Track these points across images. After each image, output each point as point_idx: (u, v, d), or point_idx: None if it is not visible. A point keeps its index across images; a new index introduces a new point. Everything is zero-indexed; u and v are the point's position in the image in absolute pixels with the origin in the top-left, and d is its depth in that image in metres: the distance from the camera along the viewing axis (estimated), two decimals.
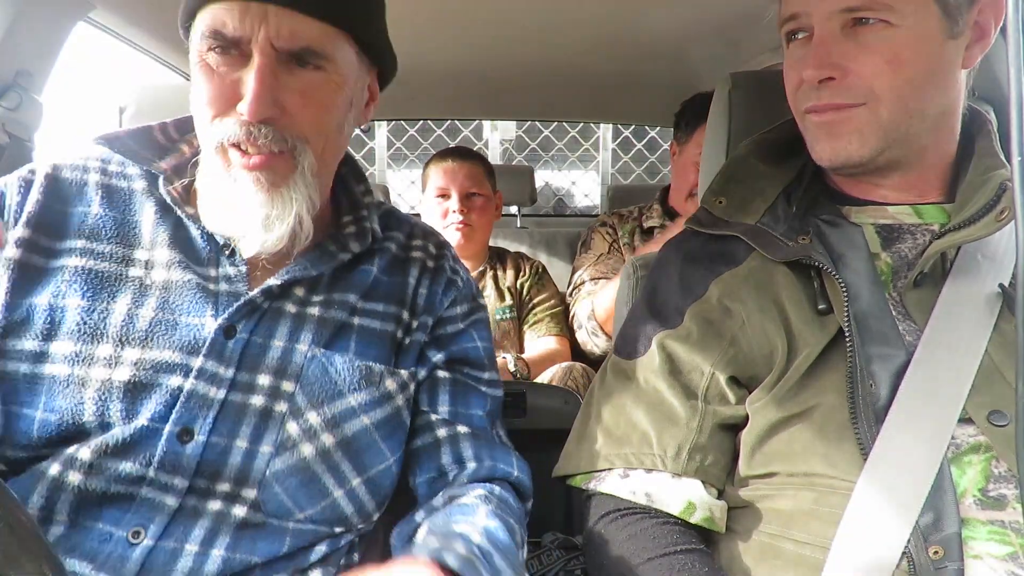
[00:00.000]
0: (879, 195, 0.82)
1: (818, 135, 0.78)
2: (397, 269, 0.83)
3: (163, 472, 0.66)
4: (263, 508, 0.68)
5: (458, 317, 0.85)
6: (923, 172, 0.80)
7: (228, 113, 0.67)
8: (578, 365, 1.58)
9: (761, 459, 0.74)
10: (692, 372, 0.79)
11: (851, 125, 0.75)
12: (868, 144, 0.75)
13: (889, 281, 0.77)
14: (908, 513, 0.65)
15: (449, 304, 0.84)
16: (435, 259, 0.86)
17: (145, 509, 0.66)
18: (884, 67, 0.72)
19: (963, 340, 0.70)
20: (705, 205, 0.89)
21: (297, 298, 0.75)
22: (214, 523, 0.67)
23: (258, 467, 0.68)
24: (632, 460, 0.78)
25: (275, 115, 0.67)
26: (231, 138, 0.67)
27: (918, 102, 0.74)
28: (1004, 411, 0.67)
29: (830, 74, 0.74)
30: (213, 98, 0.68)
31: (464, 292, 0.87)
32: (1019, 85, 0.45)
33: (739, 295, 0.79)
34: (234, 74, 0.67)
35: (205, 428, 0.67)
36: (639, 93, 2.08)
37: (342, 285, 0.78)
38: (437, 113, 2.62)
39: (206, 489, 0.67)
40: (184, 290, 0.71)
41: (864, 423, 0.69)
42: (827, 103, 0.75)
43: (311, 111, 0.69)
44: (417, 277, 0.83)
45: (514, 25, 1.60)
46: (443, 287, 0.84)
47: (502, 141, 3.91)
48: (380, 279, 0.81)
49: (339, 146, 0.77)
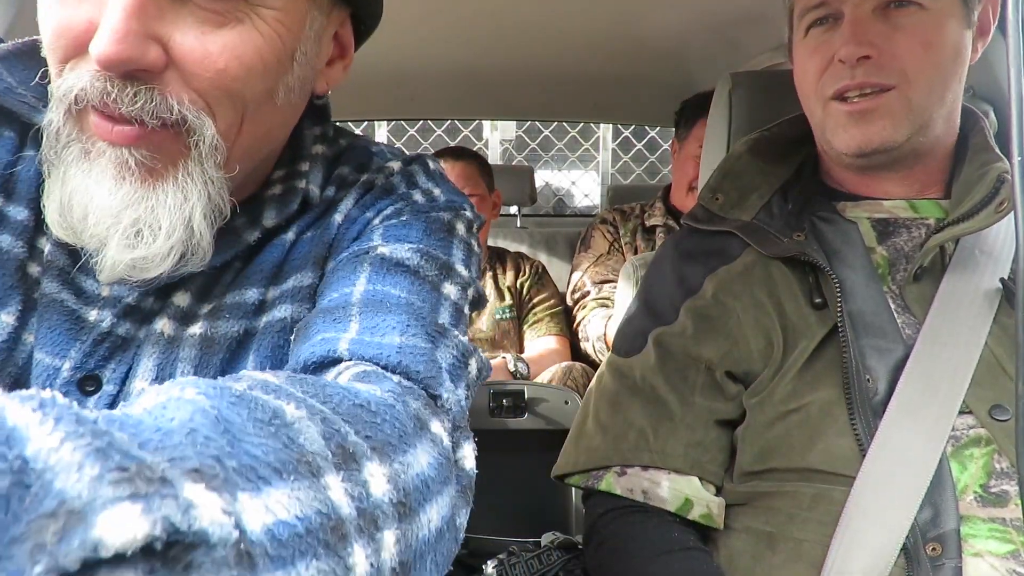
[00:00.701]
0: (875, 189, 0.82)
1: (848, 123, 0.76)
2: (325, 216, 0.57)
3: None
4: None
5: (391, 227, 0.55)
6: (928, 164, 0.80)
7: (82, 55, 0.42)
8: (578, 365, 1.58)
9: (759, 455, 0.74)
10: (688, 368, 0.79)
11: (883, 109, 0.74)
12: (900, 128, 0.74)
13: (887, 275, 0.77)
14: (906, 509, 0.65)
15: (387, 216, 0.55)
16: (388, 175, 0.58)
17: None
18: (918, 49, 0.73)
19: (962, 334, 0.70)
20: (702, 202, 0.89)
21: (177, 310, 0.51)
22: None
23: None
24: (629, 457, 0.78)
25: (152, 64, 0.42)
26: (84, 96, 0.42)
27: (942, 88, 0.75)
28: (1006, 406, 0.67)
29: (868, 52, 0.73)
30: (60, 31, 0.42)
31: (421, 206, 0.57)
32: (1019, 85, 0.45)
33: (734, 290, 0.80)
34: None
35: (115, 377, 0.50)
36: (639, 93, 2.08)
37: (244, 276, 0.53)
38: (437, 113, 2.62)
39: None
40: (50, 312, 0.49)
41: (862, 418, 0.69)
42: (862, 82, 0.73)
43: (219, 65, 0.43)
44: (349, 208, 0.56)
45: (514, 25, 1.61)
46: (382, 205, 0.57)
47: (502, 141, 3.91)
48: (299, 242, 0.55)
49: (270, 118, 0.50)
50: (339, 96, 0.73)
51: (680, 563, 0.70)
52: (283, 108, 0.50)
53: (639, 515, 0.76)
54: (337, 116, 0.64)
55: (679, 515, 0.75)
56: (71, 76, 0.43)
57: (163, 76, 0.43)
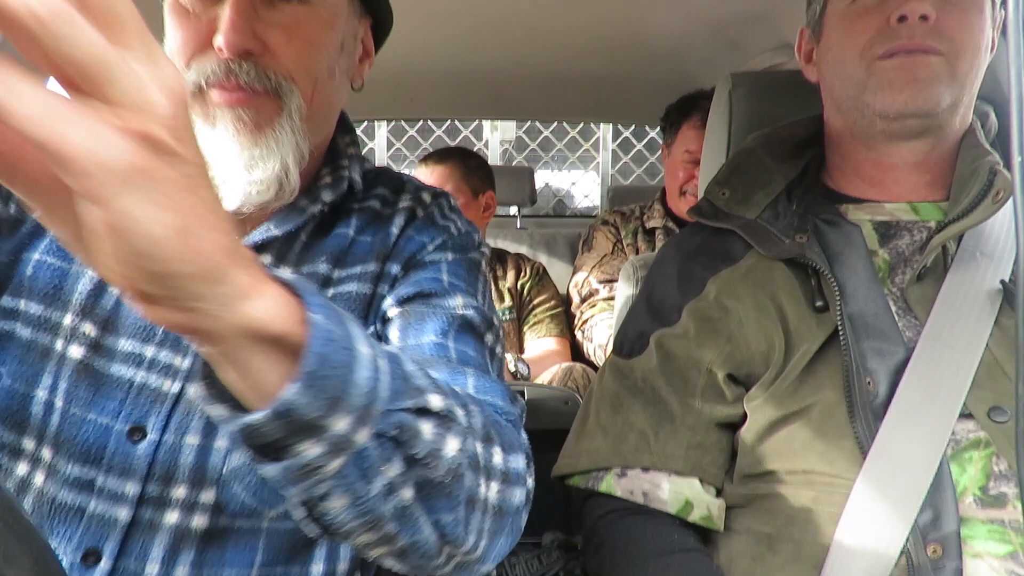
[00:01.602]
0: (887, 185, 0.81)
1: (894, 80, 0.75)
2: (379, 224, 0.71)
3: (113, 477, 0.59)
4: (226, 510, 0.60)
5: (440, 261, 0.71)
6: (940, 153, 0.80)
7: (205, 52, 0.61)
8: (578, 365, 1.58)
9: (760, 457, 0.74)
10: (690, 370, 0.79)
11: (931, 70, 0.74)
12: (945, 96, 0.75)
13: (887, 277, 0.77)
14: (907, 511, 0.65)
15: (435, 248, 0.71)
16: (426, 207, 0.74)
17: (95, 526, 0.58)
18: (966, 21, 0.74)
19: (963, 336, 0.70)
20: (708, 196, 0.89)
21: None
22: (174, 537, 0.59)
23: (214, 465, 0.60)
24: (629, 459, 0.78)
25: (256, 49, 0.61)
26: (210, 77, 0.61)
27: (977, 70, 0.76)
28: (1004, 407, 0.67)
29: (931, 12, 0.73)
30: (187, 38, 0.62)
31: (457, 241, 0.73)
32: (1019, 85, 0.45)
33: (737, 293, 0.80)
34: (211, 12, 0.62)
35: (158, 425, 0.60)
36: (639, 93, 2.08)
37: (314, 252, 0.68)
38: (437, 113, 2.62)
39: (160, 497, 0.59)
40: None
41: (862, 420, 0.69)
42: (920, 42, 0.74)
43: (296, 47, 0.63)
44: (402, 226, 0.71)
45: (514, 25, 1.61)
46: (429, 232, 0.72)
47: (502, 142, 3.91)
48: (358, 240, 0.70)
49: (330, 93, 0.68)
50: None
51: (680, 564, 0.70)
52: (337, 88, 0.69)
53: (639, 516, 0.76)
54: None
55: (679, 517, 0.75)
56: (198, 66, 0.61)
57: (262, 57, 0.62)
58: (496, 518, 0.52)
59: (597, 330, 1.72)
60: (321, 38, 0.65)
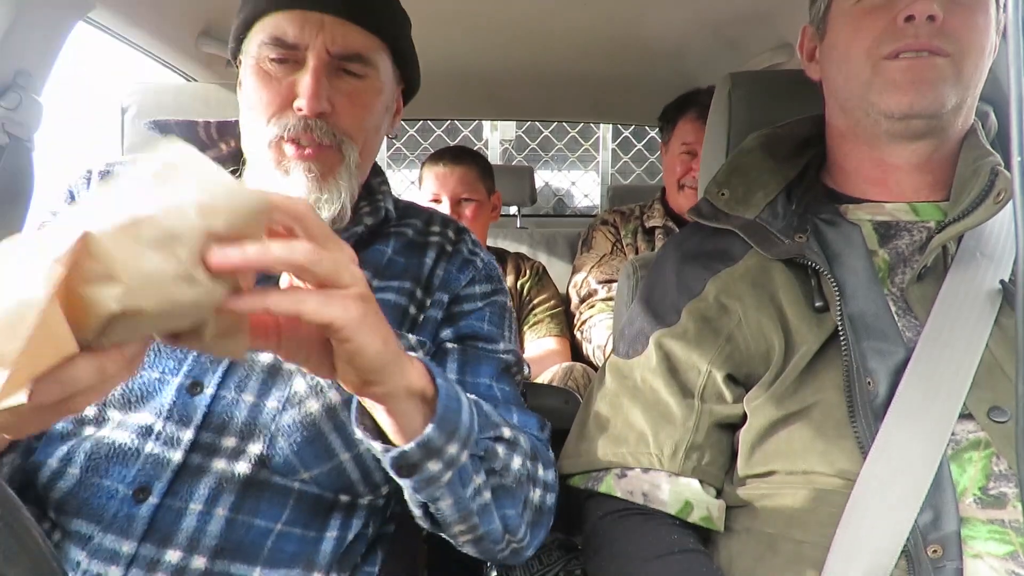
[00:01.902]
0: (889, 185, 0.81)
1: (900, 80, 0.75)
2: (413, 251, 0.85)
3: (171, 423, 0.68)
4: (269, 464, 0.69)
5: (476, 296, 0.86)
6: (942, 154, 0.80)
7: (285, 111, 0.75)
8: (578, 365, 1.58)
9: (760, 458, 0.74)
10: (689, 371, 0.79)
11: (937, 72, 0.74)
12: (950, 97, 0.75)
13: (886, 278, 0.77)
14: (907, 511, 0.65)
15: (467, 283, 0.86)
16: (453, 243, 0.89)
17: (150, 466, 0.67)
18: (972, 26, 0.74)
19: (963, 336, 0.70)
20: (708, 196, 0.89)
21: None
22: (218, 481, 0.68)
23: (264, 421, 0.70)
24: (629, 459, 0.78)
25: (327, 111, 0.75)
26: (290, 131, 0.74)
27: (981, 72, 0.76)
28: (1004, 407, 0.67)
29: (939, 12, 0.73)
30: (271, 99, 0.76)
31: (483, 273, 0.88)
32: (1019, 85, 0.45)
33: (736, 293, 0.79)
34: (289, 77, 0.76)
35: (214, 381, 0.71)
36: (639, 93, 2.08)
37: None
38: (437, 113, 2.62)
39: (211, 444, 0.69)
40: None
41: (862, 420, 0.69)
42: (925, 42, 0.73)
43: (356, 111, 0.78)
44: (434, 259, 0.85)
45: (514, 26, 1.60)
46: (459, 267, 0.86)
47: (502, 141, 3.91)
48: (394, 259, 0.84)
49: (375, 146, 0.85)
50: None
51: (680, 565, 0.70)
52: (378, 138, 0.85)
53: (639, 517, 0.76)
54: None
55: (679, 517, 0.75)
56: (278, 122, 0.75)
57: (330, 118, 0.76)
58: (538, 516, 0.73)
59: (596, 331, 1.71)
60: (374, 103, 0.80)
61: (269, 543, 0.69)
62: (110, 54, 1.55)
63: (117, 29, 1.47)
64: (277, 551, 0.69)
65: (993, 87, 1.01)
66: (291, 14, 0.75)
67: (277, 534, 0.69)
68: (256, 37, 0.77)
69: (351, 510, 0.75)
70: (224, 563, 0.67)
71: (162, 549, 0.65)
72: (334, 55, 0.76)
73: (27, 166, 1.23)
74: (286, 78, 0.76)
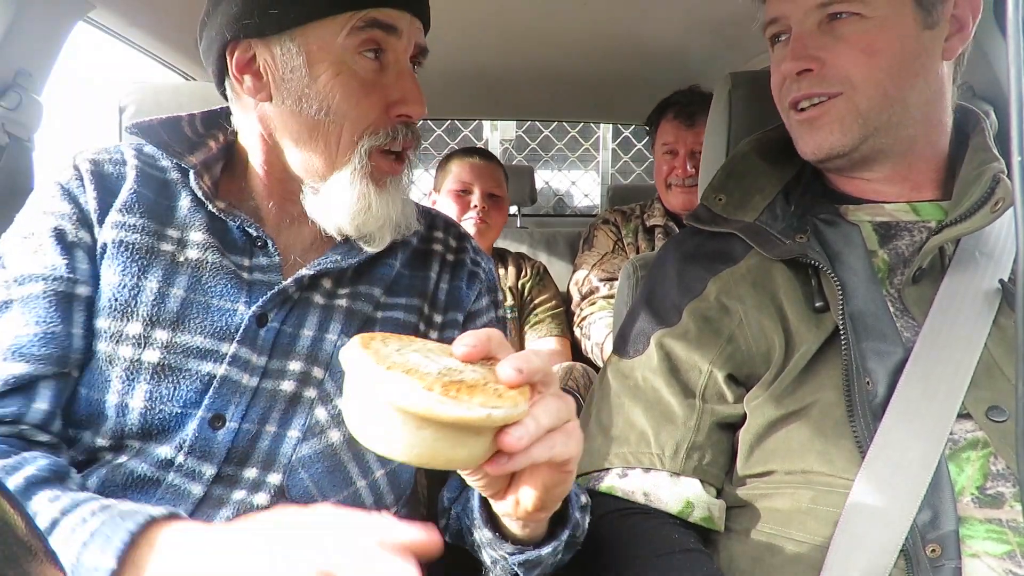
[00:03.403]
0: (875, 192, 0.82)
1: (801, 131, 0.80)
2: (419, 263, 0.84)
3: (193, 458, 0.67)
4: (287, 494, 0.69)
5: (483, 309, 0.86)
6: (914, 163, 0.80)
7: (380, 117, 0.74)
8: (578, 365, 1.58)
9: (759, 457, 0.74)
10: (690, 371, 0.79)
11: (830, 116, 0.77)
12: (849, 133, 0.77)
13: (885, 278, 0.77)
14: (906, 511, 0.65)
15: (476, 297, 0.86)
16: (455, 252, 0.87)
17: (170, 496, 0.66)
18: (859, 56, 0.75)
19: (962, 336, 0.70)
20: (705, 202, 0.89)
21: (325, 290, 0.76)
22: (236, 511, 0.67)
23: (285, 452, 0.69)
24: (630, 459, 0.78)
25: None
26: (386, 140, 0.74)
27: (897, 90, 0.76)
28: (1003, 407, 0.67)
29: (807, 65, 0.77)
30: (368, 108, 0.73)
31: (487, 284, 0.88)
32: (1019, 85, 0.45)
33: (737, 293, 0.80)
34: (385, 80, 0.74)
35: (237, 415, 0.68)
36: (639, 93, 2.08)
37: (367, 279, 0.79)
38: (437, 113, 2.62)
39: (232, 476, 0.68)
40: (218, 273, 0.72)
41: (861, 420, 0.69)
42: (807, 93, 0.78)
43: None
44: (438, 272, 0.84)
45: (514, 26, 1.60)
46: (466, 280, 0.85)
47: (502, 141, 3.91)
48: (402, 273, 0.82)
49: None
50: None
51: (681, 564, 0.70)
52: None
53: (640, 517, 0.76)
54: None
55: (680, 517, 0.75)
56: (369, 139, 0.72)
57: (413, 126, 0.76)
58: None
59: (595, 328, 1.72)
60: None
61: None
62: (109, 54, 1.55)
63: (117, 29, 1.47)
64: None
65: (993, 87, 1.01)
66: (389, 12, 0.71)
67: None
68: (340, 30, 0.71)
69: None
70: None
71: None
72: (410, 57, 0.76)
73: (27, 166, 1.23)
74: (381, 81, 0.73)
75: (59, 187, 0.72)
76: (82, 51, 1.38)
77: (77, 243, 0.70)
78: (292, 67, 0.71)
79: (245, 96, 0.74)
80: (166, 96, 1.39)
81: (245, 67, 0.73)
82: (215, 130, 0.82)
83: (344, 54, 0.70)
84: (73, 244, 0.70)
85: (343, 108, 0.71)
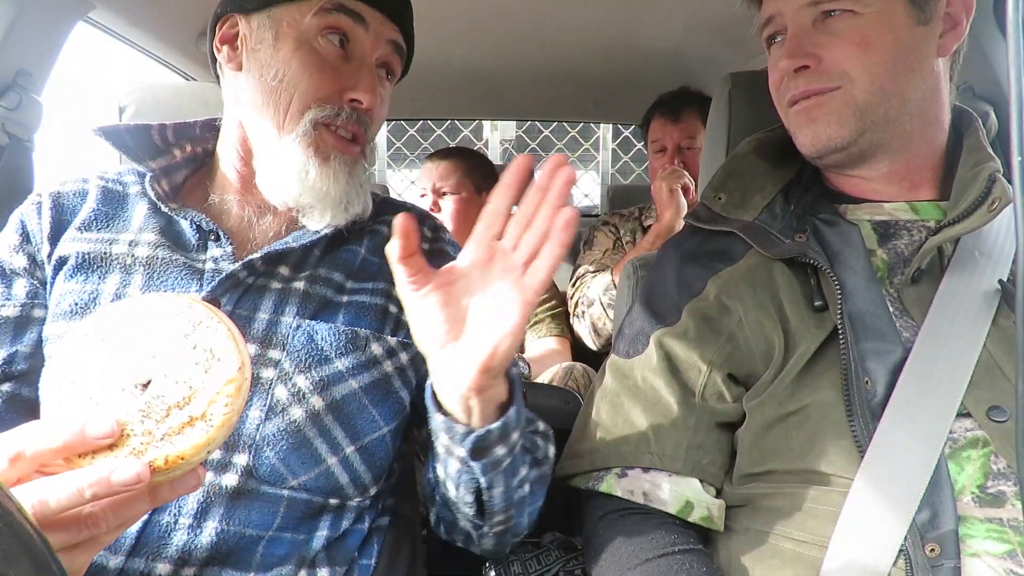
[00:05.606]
0: (873, 191, 0.82)
1: (799, 124, 0.81)
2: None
3: None
4: (256, 474, 0.69)
5: None
6: (912, 161, 0.81)
7: (328, 99, 0.78)
8: (578, 365, 1.58)
9: (758, 457, 0.74)
10: (690, 370, 0.79)
11: (827, 108, 0.78)
12: (846, 126, 0.77)
13: (885, 278, 0.77)
14: (905, 510, 0.65)
15: None
16: (430, 241, 0.89)
17: None
18: (854, 50, 0.76)
19: (961, 335, 0.70)
20: (705, 201, 0.89)
21: (282, 276, 0.78)
22: (206, 494, 0.68)
23: (248, 431, 0.70)
24: (629, 459, 0.78)
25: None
26: (329, 120, 0.77)
27: (893, 84, 0.76)
28: (1003, 407, 0.67)
29: (804, 62, 0.78)
30: (319, 86, 0.77)
31: None
32: (1019, 85, 0.45)
33: (737, 292, 0.80)
34: (346, 68, 0.78)
35: None
36: (639, 93, 2.08)
37: (327, 264, 0.81)
38: (437, 113, 2.62)
39: None
40: (169, 267, 0.75)
41: (860, 420, 0.69)
42: (804, 90, 0.79)
43: (382, 108, 0.83)
44: None
45: (514, 25, 1.60)
46: (437, 266, 0.85)
47: (502, 141, 3.90)
48: (368, 259, 0.83)
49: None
50: None
51: (680, 564, 0.70)
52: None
53: (639, 517, 0.76)
54: None
55: (679, 517, 0.75)
56: (315, 111, 0.76)
57: (368, 112, 0.79)
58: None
59: (592, 284, 1.72)
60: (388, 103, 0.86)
61: (260, 549, 0.69)
62: (109, 54, 1.55)
63: (117, 29, 1.47)
64: (268, 555, 0.69)
65: (993, 87, 1.01)
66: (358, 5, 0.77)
67: (268, 540, 0.69)
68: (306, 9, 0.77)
69: (341, 511, 0.75)
70: (215, 570, 0.67)
71: (151, 563, 0.65)
72: (378, 58, 0.80)
73: (27, 166, 1.23)
74: (344, 67, 0.77)
75: (17, 218, 0.78)
76: (82, 51, 1.38)
77: (16, 272, 0.75)
78: (262, 39, 0.77)
79: (226, 69, 0.81)
80: (166, 96, 1.39)
81: (227, 40, 0.80)
82: (184, 141, 0.86)
83: (309, 32, 0.76)
84: (12, 273, 0.75)
85: (296, 77, 0.75)
